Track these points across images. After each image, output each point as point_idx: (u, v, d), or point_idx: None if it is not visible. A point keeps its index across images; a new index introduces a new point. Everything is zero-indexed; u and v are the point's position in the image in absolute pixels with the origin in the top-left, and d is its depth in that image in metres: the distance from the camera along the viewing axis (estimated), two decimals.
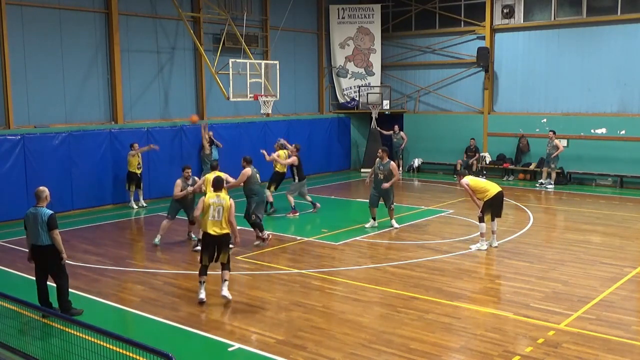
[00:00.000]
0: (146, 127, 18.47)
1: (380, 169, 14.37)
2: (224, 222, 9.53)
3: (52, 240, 8.74)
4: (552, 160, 20.50)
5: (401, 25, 25.39)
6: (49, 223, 8.69)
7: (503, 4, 22.60)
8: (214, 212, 9.47)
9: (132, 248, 13.23)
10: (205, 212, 9.54)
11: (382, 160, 14.39)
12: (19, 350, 7.62)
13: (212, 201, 9.52)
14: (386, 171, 14.28)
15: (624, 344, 7.89)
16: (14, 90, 16.10)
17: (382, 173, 14.31)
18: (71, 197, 16.75)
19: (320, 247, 13.04)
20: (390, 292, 10.09)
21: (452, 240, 13.41)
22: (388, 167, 14.29)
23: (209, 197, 9.61)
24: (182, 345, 8.14)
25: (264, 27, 22.51)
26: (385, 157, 14.45)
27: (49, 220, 8.70)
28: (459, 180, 13.14)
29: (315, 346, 7.87)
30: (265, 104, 18.83)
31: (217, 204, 9.50)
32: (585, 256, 12.08)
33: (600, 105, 21.08)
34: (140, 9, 18.83)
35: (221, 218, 9.49)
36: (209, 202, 9.52)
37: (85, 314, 9.00)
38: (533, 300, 9.52)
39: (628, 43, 20.28)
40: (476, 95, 23.72)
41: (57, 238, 8.75)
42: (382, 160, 14.38)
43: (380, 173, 14.35)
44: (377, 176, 14.44)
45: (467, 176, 13.00)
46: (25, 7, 16.22)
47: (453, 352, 7.74)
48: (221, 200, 9.53)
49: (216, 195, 9.62)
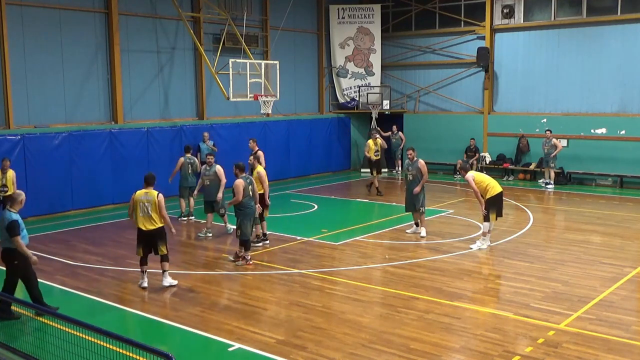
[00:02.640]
0: (146, 127, 18.48)
1: (409, 169, 13.75)
2: (155, 216, 10.02)
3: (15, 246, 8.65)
4: (551, 160, 20.52)
5: (401, 25, 25.40)
6: (7, 229, 8.59)
7: (503, 4, 22.60)
8: (143, 208, 9.99)
9: (132, 248, 13.19)
10: (134, 209, 10.03)
11: (411, 161, 13.71)
12: (19, 350, 7.62)
13: (140, 198, 10.02)
14: (414, 171, 13.66)
15: (624, 344, 7.89)
16: (14, 90, 16.10)
17: (411, 173, 13.69)
18: (71, 197, 16.76)
19: (320, 247, 13.04)
20: (390, 292, 10.09)
21: (452, 240, 13.41)
22: (417, 166, 13.59)
23: (138, 194, 10.14)
24: (182, 345, 8.14)
25: (264, 27, 22.51)
26: (415, 156, 13.76)
27: (8, 227, 8.59)
28: (463, 175, 12.95)
29: (315, 346, 7.87)
30: (265, 104, 18.82)
31: (145, 200, 9.98)
32: (585, 256, 12.08)
33: (600, 105, 21.08)
34: (140, 9, 18.83)
35: (151, 213, 9.98)
36: (137, 198, 10.01)
37: (85, 314, 8.99)
38: (533, 300, 9.52)
39: (628, 43, 20.28)
40: (476, 95, 23.72)
41: (18, 243, 8.63)
42: (411, 160, 13.70)
43: (409, 174, 13.73)
44: (407, 177, 13.87)
45: (470, 171, 12.97)
46: (25, 7, 16.22)
47: (453, 352, 7.74)
48: (149, 196, 9.99)
49: (145, 192, 10.06)
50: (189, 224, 15.41)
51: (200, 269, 11.73)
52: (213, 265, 11.86)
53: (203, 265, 11.96)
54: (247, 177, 12.04)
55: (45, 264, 11.80)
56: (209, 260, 12.28)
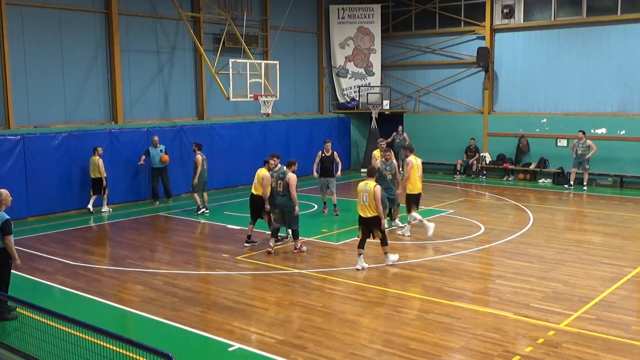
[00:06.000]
0: (146, 127, 18.47)
1: (386, 169, 13.91)
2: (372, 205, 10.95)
3: (5, 245, 8.70)
4: (586, 162, 20.02)
5: (401, 25, 25.39)
6: (2, 228, 8.63)
7: (503, 4, 22.60)
8: (362, 197, 11.14)
9: (132, 248, 13.22)
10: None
11: (386, 161, 13.99)
12: (19, 350, 7.62)
13: (361, 188, 11.09)
14: (393, 170, 13.97)
15: (624, 344, 7.89)
16: (14, 90, 16.10)
17: (390, 172, 13.92)
18: (71, 196, 16.76)
19: (320, 247, 13.04)
20: (390, 292, 10.09)
21: (452, 240, 13.41)
22: (393, 166, 13.95)
23: (361, 184, 11.23)
24: (182, 345, 8.14)
25: (264, 27, 22.51)
26: (391, 157, 14.07)
27: (3, 226, 8.63)
28: (405, 154, 14.06)
29: (315, 346, 7.87)
30: (265, 104, 18.82)
31: (364, 190, 11.05)
32: (585, 256, 12.08)
33: (600, 105, 21.08)
34: (140, 9, 18.83)
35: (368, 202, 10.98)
36: (358, 189, 11.24)
37: (85, 314, 8.98)
38: (533, 300, 9.52)
39: (628, 43, 20.28)
40: (476, 95, 23.72)
41: (9, 244, 8.70)
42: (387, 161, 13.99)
43: (388, 173, 13.91)
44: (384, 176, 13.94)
45: (413, 157, 13.68)
46: (25, 7, 16.22)
47: (453, 352, 7.74)
48: (367, 187, 10.99)
49: (365, 183, 11.17)
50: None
51: (200, 269, 11.74)
52: (213, 265, 11.85)
53: (203, 265, 11.97)
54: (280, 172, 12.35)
55: (45, 264, 11.81)
56: (209, 260, 12.29)
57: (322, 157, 16.24)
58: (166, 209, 17.38)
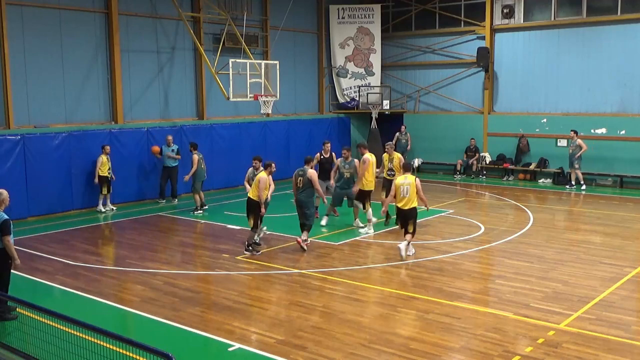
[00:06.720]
0: (146, 127, 18.47)
1: (345, 167, 14.61)
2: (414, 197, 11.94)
3: (4, 245, 8.68)
4: (576, 161, 20.14)
5: (401, 25, 25.39)
6: (1, 228, 8.61)
7: (503, 4, 22.60)
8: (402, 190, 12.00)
9: (132, 248, 13.22)
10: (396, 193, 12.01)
11: (345, 160, 14.63)
12: (19, 350, 7.62)
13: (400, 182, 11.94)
14: (352, 169, 14.55)
15: (624, 344, 7.89)
16: (14, 90, 16.10)
17: (348, 172, 14.58)
18: (71, 196, 16.75)
19: (320, 247, 13.04)
20: (390, 292, 10.10)
21: (452, 240, 13.41)
22: (353, 165, 14.51)
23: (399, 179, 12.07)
24: (182, 345, 8.14)
25: (264, 27, 22.51)
26: (349, 155, 14.69)
27: (2, 226, 8.61)
28: (361, 151, 14.39)
29: (315, 346, 7.87)
30: (265, 104, 18.82)
31: (406, 183, 11.90)
32: (585, 256, 12.08)
33: (600, 105, 21.08)
34: (140, 9, 18.83)
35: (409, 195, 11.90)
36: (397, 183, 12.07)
37: (85, 314, 8.99)
38: (533, 300, 9.52)
39: (628, 43, 20.28)
40: (476, 95, 23.72)
41: (8, 244, 8.67)
42: (347, 160, 14.62)
43: (347, 172, 14.60)
44: (343, 175, 14.68)
45: (369, 155, 14.19)
46: (25, 7, 16.22)
47: (453, 352, 7.74)
48: (408, 180, 11.88)
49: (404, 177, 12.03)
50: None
51: (200, 269, 11.74)
52: (213, 265, 11.86)
53: (203, 265, 11.97)
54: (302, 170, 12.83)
55: (45, 264, 11.82)
56: (209, 260, 12.28)
57: (320, 158, 16.18)
58: (170, 209, 17.41)
